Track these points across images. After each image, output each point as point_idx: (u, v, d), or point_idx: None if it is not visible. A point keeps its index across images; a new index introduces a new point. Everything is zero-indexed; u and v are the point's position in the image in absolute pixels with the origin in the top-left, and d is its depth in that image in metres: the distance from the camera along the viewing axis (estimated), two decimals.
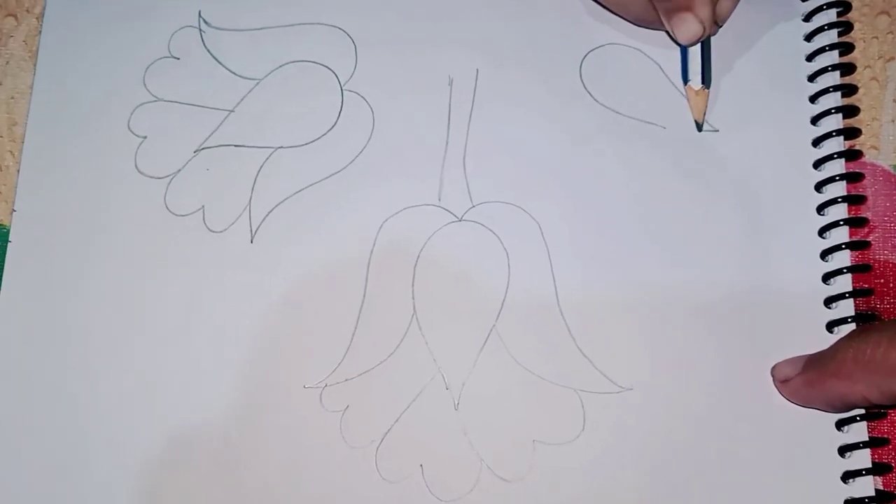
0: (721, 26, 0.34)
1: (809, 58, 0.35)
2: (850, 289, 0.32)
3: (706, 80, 0.34)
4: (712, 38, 0.34)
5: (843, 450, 0.31)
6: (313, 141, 0.35)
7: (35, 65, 0.36)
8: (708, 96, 0.34)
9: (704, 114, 0.34)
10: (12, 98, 0.36)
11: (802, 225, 0.33)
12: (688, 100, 0.34)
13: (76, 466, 0.32)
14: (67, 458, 0.32)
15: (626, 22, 0.35)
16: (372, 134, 0.35)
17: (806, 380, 0.30)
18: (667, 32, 0.33)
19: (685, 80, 0.34)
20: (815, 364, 0.30)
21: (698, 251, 0.33)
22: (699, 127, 0.34)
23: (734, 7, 0.33)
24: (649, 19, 0.34)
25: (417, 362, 0.33)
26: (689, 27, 0.32)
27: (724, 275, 0.33)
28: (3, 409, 0.33)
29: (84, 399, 0.33)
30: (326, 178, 0.34)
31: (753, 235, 0.33)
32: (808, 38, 0.35)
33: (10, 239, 0.34)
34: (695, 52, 0.34)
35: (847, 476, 0.31)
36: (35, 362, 0.33)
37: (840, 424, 0.32)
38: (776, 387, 0.32)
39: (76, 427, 0.32)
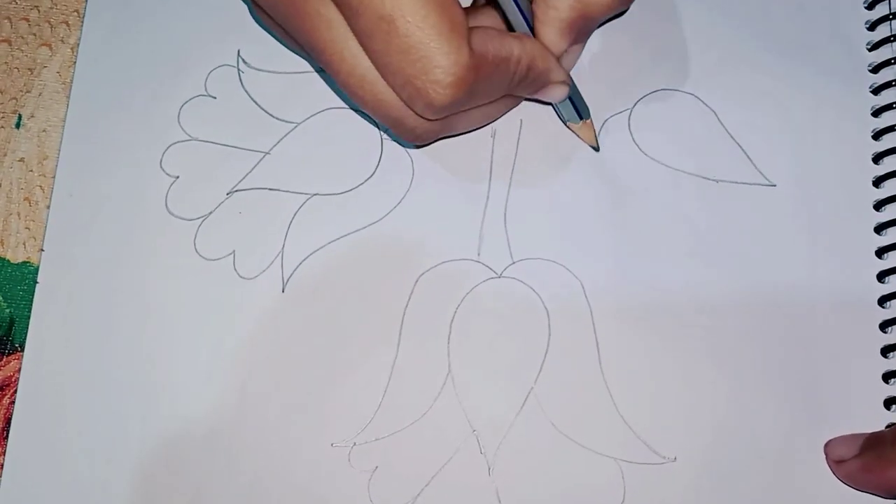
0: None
1: (874, 70, 0.34)
2: None
3: (583, 113, 0.33)
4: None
5: None
6: (350, 189, 0.34)
7: (68, 97, 0.35)
8: (591, 124, 0.33)
9: (596, 138, 0.34)
10: (44, 131, 0.36)
11: (860, 246, 0.32)
12: (577, 135, 0.34)
13: None
14: None
15: (683, 67, 0.34)
16: (411, 185, 0.34)
17: (863, 465, 0.29)
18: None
19: (564, 121, 0.34)
20: (873, 448, 0.29)
21: (749, 316, 0.32)
22: (597, 149, 0.34)
23: (579, 56, 0.32)
24: (515, 104, 0.33)
25: (451, 423, 0.31)
26: (556, 93, 0.31)
27: (776, 327, 0.32)
28: (32, 451, 0.32)
29: (107, 438, 0.32)
30: (362, 228, 0.33)
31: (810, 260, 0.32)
32: (873, 48, 0.34)
33: (38, 280, 0.33)
34: (564, 103, 0.33)
35: None
36: (61, 403, 0.32)
37: None
38: (829, 466, 0.30)
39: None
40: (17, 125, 0.36)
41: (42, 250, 0.34)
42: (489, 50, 0.27)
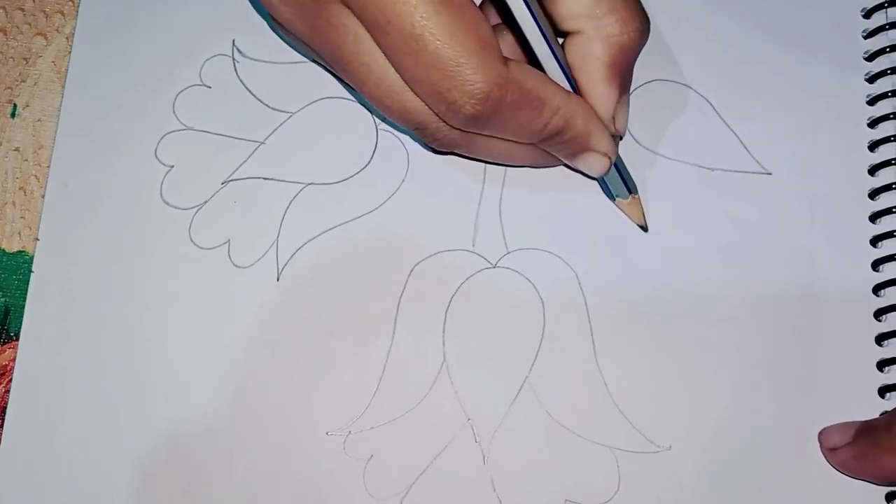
0: (623, 136, 0.32)
1: (869, 58, 0.34)
2: None
3: (631, 188, 0.32)
4: None
5: None
6: (345, 179, 0.34)
7: (63, 86, 0.35)
8: (639, 200, 0.32)
9: (644, 216, 0.33)
10: (39, 120, 0.35)
11: (855, 234, 0.32)
12: (624, 212, 0.33)
13: None
14: None
15: (679, 57, 0.34)
16: (406, 175, 0.33)
17: (857, 452, 0.29)
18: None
19: (611, 197, 0.33)
20: (866, 436, 0.29)
21: (743, 305, 0.32)
22: (645, 229, 0.33)
23: (628, 113, 0.31)
24: (548, 162, 0.31)
25: (446, 412, 0.31)
26: (595, 165, 0.30)
27: (772, 321, 0.32)
28: (26, 441, 0.32)
29: (101, 429, 0.32)
30: (357, 217, 0.33)
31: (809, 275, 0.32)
32: (868, 36, 0.34)
33: (32, 269, 0.33)
34: (611, 177, 0.32)
35: None
36: (56, 393, 0.32)
37: (890, 498, 0.30)
38: (823, 454, 0.30)
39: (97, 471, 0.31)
40: (13, 115, 0.35)
41: (37, 240, 0.34)
42: (527, 82, 0.27)
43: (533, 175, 0.33)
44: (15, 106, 0.36)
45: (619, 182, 0.32)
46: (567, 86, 0.29)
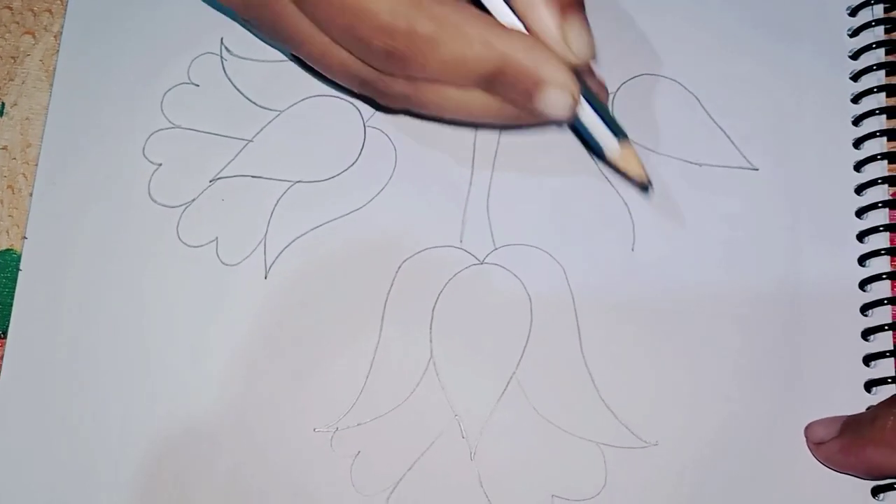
0: (594, 59, 0.27)
1: (854, 56, 0.34)
2: (889, 295, 0.31)
3: (618, 133, 0.28)
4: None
5: None
6: (333, 177, 0.34)
7: (51, 85, 0.35)
8: (632, 149, 0.29)
9: (643, 167, 0.29)
10: (27, 118, 0.35)
11: (841, 229, 0.33)
12: (618, 169, 0.29)
13: None
14: None
15: (665, 52, 0.34)
16: (393, 172, 0.33)
17: (842, 446, 0.29)
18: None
19: (602, 157, 0.29)
20: (852, 429, 0.29)
21: (730, 300, 0.32)
22: (646, 187, 0.31)
23: (585, 34, 0.26)
24: (514, 115, 0.28)
25: (433, 408, 0.31)
26: (556, 102, 0.26)
27: (760, 318, 0.32)
28: (13, 440, 0.32)
29: (90, 427, 0.32)
30: (345, 215, 0.33)
31: (794, 275, 0.32)
32: (854, 34, 0.34)
33: (20, 267, 0.33)
34: (590, 121, 0.28)
35: None
36: (44, 391, 0.32)
37: (876, 491, 0.30)
38: (809, 448, 0.30)
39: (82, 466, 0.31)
40: (0, 113, 0.35)
41: (25, 238, 0.34)
42: (444, 15, 0.26)
43: (521, 171, 0.33)
44: (3, 104, 0.36)
45: (603, 130, 0.28)
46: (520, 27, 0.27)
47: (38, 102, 0.36)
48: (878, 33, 0.34)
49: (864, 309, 0.32)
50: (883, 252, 0.32)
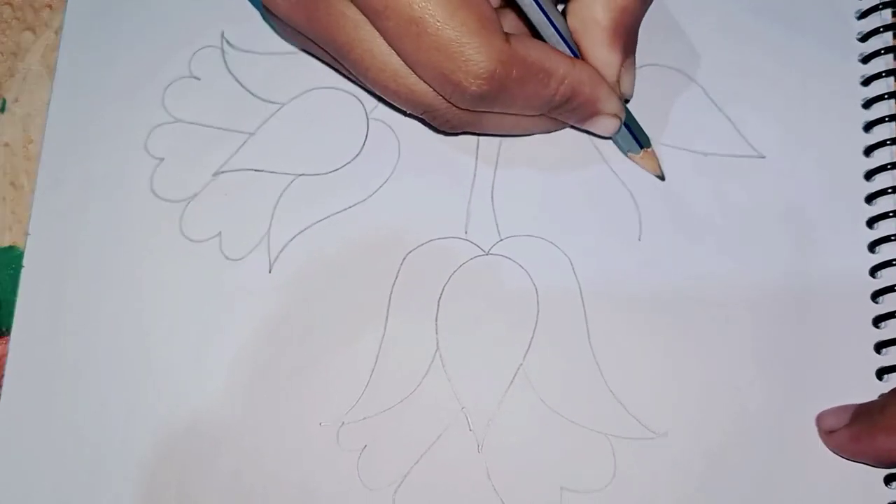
0: (630, 98, 0.31)
1: (863, 39, 0.34)
2: None
3: (643, 142, 0.32)
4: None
5: None
6: (336, 169, 0.33)
7: (52, 81, 0.35)
8: (653, 153, 0.32)
9: (660, 166, 0.32)
10: (28, 115, 0.35)
11: (851, 216, 0.32)
12: (639, 164, 0.33)
13: None
14: None
15: (669, 42, 0.34)
16: (397, 164, 0.33)
17: (853, 434, 0.29)
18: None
19: (625, 152, 0.33)
20: (863, 417, 0.29)
21: (739, 289, 0.32)
22: (662, 178, 0.33)
23: (634, 75, 0.31)
24: (558, 127, 0.32)
25: (440, 401, 0.31)
26: (606, 126, 0.30)
27: (767, 305, 0.31)
28: (17, 438, 0.32)
29: (94, 424, 0.32)
30: (349, 207, 0.33)
31: (801, 249, 0.32)
32: (862, 16, 0.34)
33: (23, 264, 0.33)
34: (621, 132, 0.32)
35: None
36: (48, 387, 0.32)
37: (889, 480, 0.30)
38: (821, 437, 0.30)
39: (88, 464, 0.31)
40: (2, 110, 0.35)
41: (28, 234, 0.34)
42: (530, 55, 0.27)
43: (525, 161, 0.33)
44: (4, 101, 0.35)
45: (630, 138, 0.32)
46: (570, 53, 0.29)
47: (39, 98, 0.35)
48: (886, 16, 0.33)
49: (875, 296, 0.31)
50: (893, 238, 0.31)
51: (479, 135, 0.32)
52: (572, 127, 0.32)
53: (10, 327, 0.33)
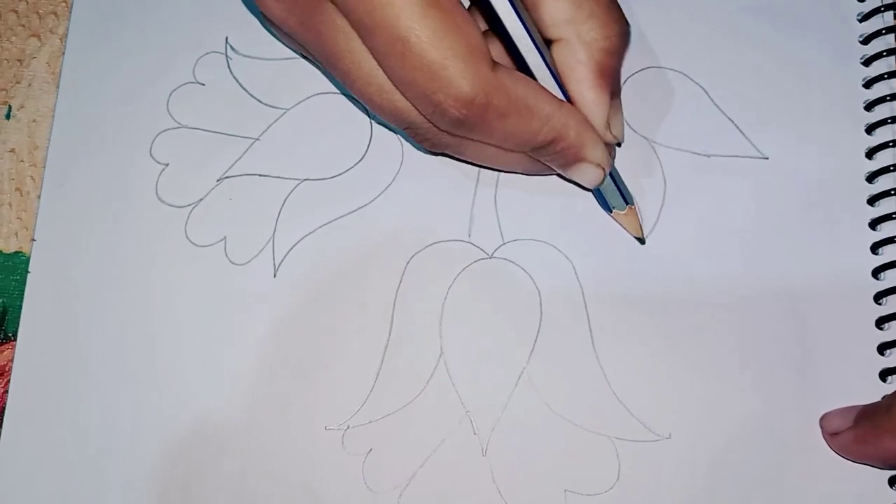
0: (621, 144, 0.31)
1: (865, 41, 0.34)
2: None
3: (628, 199, 0.32)
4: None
5: None
6: (341, 174, 0.34)
7: (58, 87, 0.35)
8: (636, 211, 0.32)
9: (641, 228, 0.32)
10: (34, 121, 0.36)
11: (853, 217, 0.32)
12: (620, 224, 0.32)
13: None
14: None
15: (671, 44, 0.34)
16: (400, 168, 0.33)
17: (858, 435, 0.29)
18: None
19: (607, 209, 0.32)
20: (867, 418, 0.29)
21: (742, 290, 0.32)
22: (642, 241, 0.32)
23: (623, 119, 0.30)
24: (539, 170, 0.31)
25: (444, 405, 0.31)
26: (589, 176, 0.30)
27: (770, 312, 0.31)
28: (24, 441, 0.32)
29: (100, 428, 0.32)
30: (353, 211, 0.33)
31: (806, 250, 0.32)
32: (863, 19, 0.34)
33: (29, 269, 0.33)
34: (605, 186, 0.31)
35: None
36: (54, 392, 0.32)
37: (893, 481, 0.30)
38: (825, 439, 0.30)
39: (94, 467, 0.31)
40: (7, 116, 0.36)
41: (34, 240, 0.34)
42: (516, 89, 0.27)
43: None
44: (10, 107, 0.36)
45: (614, 193, 0.31)
46: (559, 94, 0.29)
47: (44, 105, 0.36)
48: (889, 18, 0.33)
49: (878, 297, 0.31)
50: None
51: (458, 160, 0.32)
52: (558, 175, 0.31)
53: (16, 332, 0.33)
